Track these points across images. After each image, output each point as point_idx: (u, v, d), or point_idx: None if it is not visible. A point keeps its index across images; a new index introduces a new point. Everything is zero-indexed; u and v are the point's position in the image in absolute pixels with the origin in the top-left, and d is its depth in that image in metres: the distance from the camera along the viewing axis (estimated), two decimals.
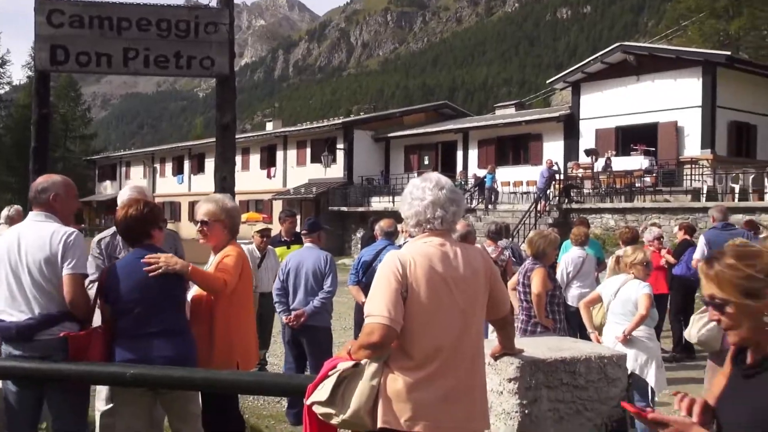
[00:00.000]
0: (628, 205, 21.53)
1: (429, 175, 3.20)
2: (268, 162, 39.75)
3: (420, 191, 3.13)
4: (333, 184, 34.27)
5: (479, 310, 3.11)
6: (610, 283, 6.32)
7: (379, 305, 2.86)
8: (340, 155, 35.13)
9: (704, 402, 2.26)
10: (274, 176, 39.18)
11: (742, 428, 2.13)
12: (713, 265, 2.20)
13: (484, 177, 26.86)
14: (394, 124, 36.52)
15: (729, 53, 25.23)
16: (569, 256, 8.34)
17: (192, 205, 36.92)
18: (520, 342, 3.76)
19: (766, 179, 20.43)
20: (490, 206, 25.62)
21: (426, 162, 33.98)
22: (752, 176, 20.93)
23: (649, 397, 5.92)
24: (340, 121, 37.72)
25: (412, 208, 3.13)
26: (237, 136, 40.52)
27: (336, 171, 34.98)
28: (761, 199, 19.92)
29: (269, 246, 8.38)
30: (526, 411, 3.48)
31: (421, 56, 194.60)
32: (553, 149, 28.23)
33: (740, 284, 2.14)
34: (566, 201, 22.99)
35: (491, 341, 3.65)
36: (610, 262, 8.15)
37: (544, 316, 6.25)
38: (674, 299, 9.94)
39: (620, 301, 6.03)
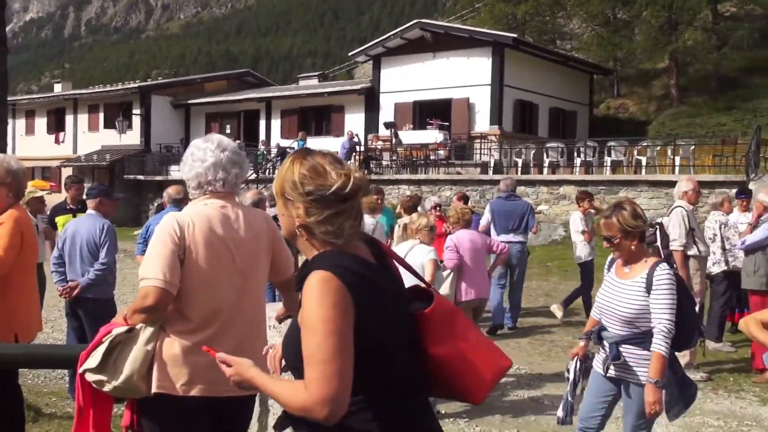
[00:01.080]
0: (423, 176, 22.49)
1: (211, 136, 3.15)
2: (57, 126, 37.01)
3: (201, 152, 3.08)
4: (129, 151, 32.63)
5: (261, 273, 3.13)
6: (399, 249, 6.55)
7: (153, 268, 2.80)
8: (136, 121, 33.49)
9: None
10: (63, 142, 36.58)
11: (287, 358, 2.14)
12: None
13: (292, 145, 26.92)
14: (194, 91, 35.35)
15: (515, 36, 26.94)
16: None
17: None
18: None
19: (544, 154, 22.19)
20: None
21: (228, 131, 33.25)
22: (533, 151, 22.64)
23: None
24: (135, 85, 35.93)
25: (193, 170, 3.07)
26: (21, 98, 37.35)
27: (132, 138, 33.31)
28: (540, 172, 21.63)
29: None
30: None
31: (225, 22, 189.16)
32: (354, 121, 28.75)
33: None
34: (366, 172, 23.53)
35: (275, 304, 3.69)
36: (397, 230, 8.49)
37: None
38: None
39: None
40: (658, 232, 7.65)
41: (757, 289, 7.42)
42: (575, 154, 21.87)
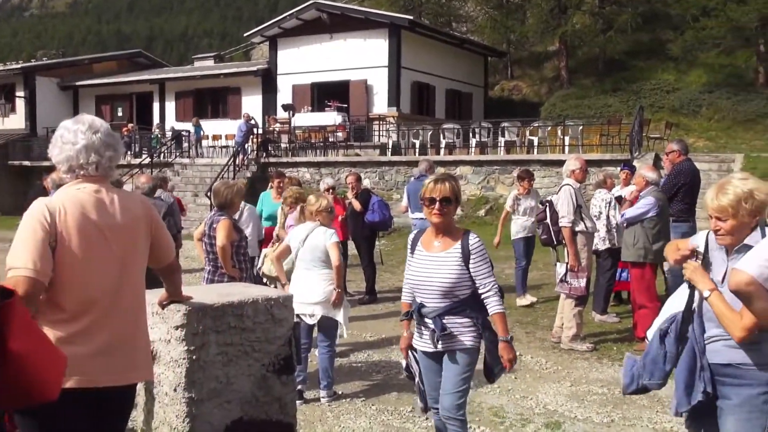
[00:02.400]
0: (323, 159, 22.42)
1: (82, 117, 3.02)
2: None
3: (72, 135, 2.95)
4: (13, 135, 30.99)
5: (139, 258, 3.04)
6: (298, 230, 6.47)
7: (23, 257, 2.66)
8: (20, 104, 31.87)
9: None
10: None
11: None
12: None
13: (193, 128, 26.35)
14: (82, 72, 33.86)
15: (411, 17, 27.11)
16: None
17: None
18: (189, 290, 3.75)
19: (441, 135, 22.51)
20: (190, 160, 25.06)
21: (120, 113, 32.21)
22: (430, 132, 22.92)
23: (336, 336, 6.30)
24: (18, 66, 34.10)
25: (63, 153, 2.94)
26: None
27: (16, 121, 31.71)
28: (437, 153, 21.93)
29: None
30: (194, 357, 3.51)
31: (116, 1, 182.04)
32: (252, 103, 28.32)
33: None
34: (264, 155, 23.26)
35: (156, 290, 3.60)
36: (279, 216, 8.47)
37: (231, 266, 6.29)
38: (364, 246, 10.61)
39: (309, 248, 6.20)
40: (547, 210, 7.92)
41: (635, 260, 7.76)
42: (471, 134, 22.29)
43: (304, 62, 27.25)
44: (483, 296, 3.99)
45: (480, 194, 19.23)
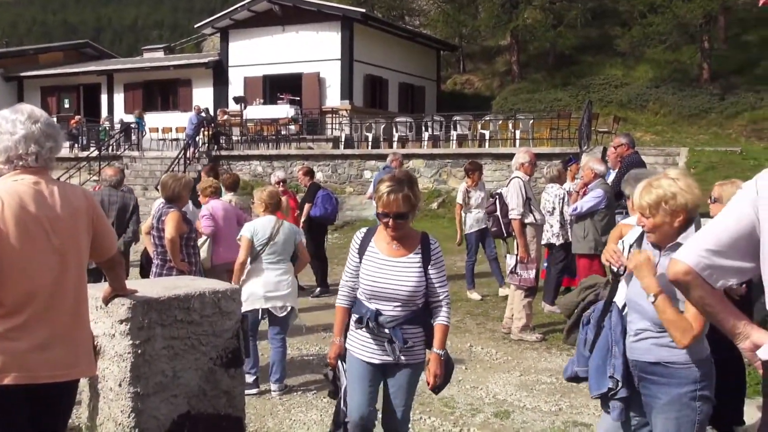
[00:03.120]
0: (275, 152, 22.26)
1: (21, 107, 2.94)
2: None
3: (10, 125, 2.87)
4: None
5: (81, 251, 2.97)
6: (261, 225, 6.33)
7: None
8: None
9: None
10: None
11: None
12: None
13: (135, 122, 25.79)
14: (27, 62, 32.98)
15: (364, 11, 27.07)
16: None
17: None
18: (134, 283, 3.70)
19: (394, 129, 22.55)
20: (139, 153, 24.62)
21: (67, 105, 31.47)
22: (383, 126, 22.94)
23: (289, 325, 6.30)
24: None
25: (0, 144, 2.86)
26: None
27: None
28: (390, 146, 21.97)
29: None
30: (139, 351, 3.46)
31: None
32: (203, 95, 27.96)
33: None
34: (215, 148, 23.00)
35: (100, 285, 3.54)
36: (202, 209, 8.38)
37: (180, 260, 6.21)
38: (312, 239, 10.57)
39: (283, 243, 6.12)
40: (497, 202, 8.00)
41: (586, 253, 7.91)
42: (423, 128, 22.38)
43: (256, 54, 27.00)
44: (435, 305, 3.75)
45: (432, 187, 19.32)
